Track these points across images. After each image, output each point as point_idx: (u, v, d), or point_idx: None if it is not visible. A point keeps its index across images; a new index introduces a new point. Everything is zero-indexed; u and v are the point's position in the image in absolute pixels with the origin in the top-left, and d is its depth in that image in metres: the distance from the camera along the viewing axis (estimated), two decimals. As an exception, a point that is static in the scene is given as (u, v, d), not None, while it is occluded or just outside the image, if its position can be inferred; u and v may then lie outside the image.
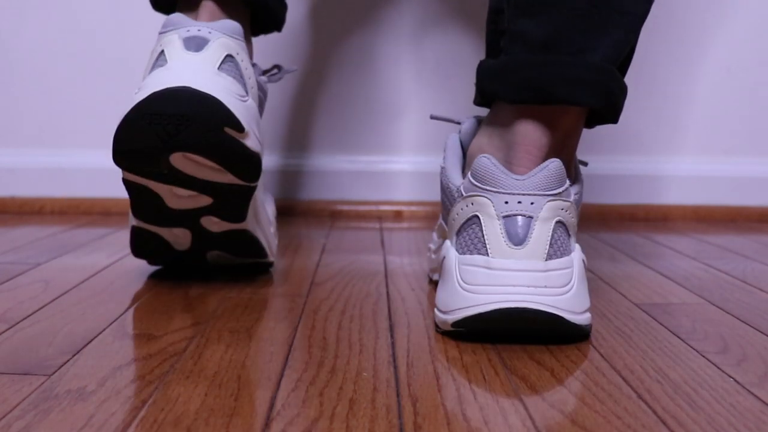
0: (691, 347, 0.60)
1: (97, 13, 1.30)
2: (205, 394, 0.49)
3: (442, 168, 0.71)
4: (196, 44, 0.70)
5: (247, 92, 0.72)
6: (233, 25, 0.73)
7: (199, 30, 0.71)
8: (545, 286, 0.59)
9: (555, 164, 0.61)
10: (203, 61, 0.69)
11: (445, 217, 0.71)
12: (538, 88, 0.65)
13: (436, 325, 0.64)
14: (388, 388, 0.51)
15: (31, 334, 0.61)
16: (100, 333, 0.61)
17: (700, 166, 1.34)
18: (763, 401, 0.49)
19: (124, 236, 1.06)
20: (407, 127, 1.33)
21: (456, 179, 0.68)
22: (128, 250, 0.94)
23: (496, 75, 0.69)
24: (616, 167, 1.34)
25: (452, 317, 0.61)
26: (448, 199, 0.68)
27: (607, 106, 0.67)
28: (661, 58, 1.32)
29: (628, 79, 0.71)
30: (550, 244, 0.60)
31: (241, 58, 0.73)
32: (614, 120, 0.69)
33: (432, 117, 0.82)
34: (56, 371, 0.53)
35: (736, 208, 1.33)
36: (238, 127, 0.67)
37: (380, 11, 1.32)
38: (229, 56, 0.71)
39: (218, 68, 0.70)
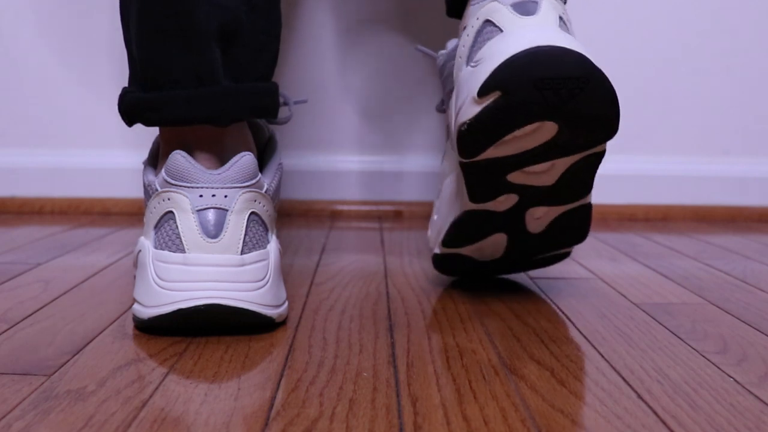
0: (691, 347, 0.60)
1: (97, 13, 1.30)
2: (205, 394, 0.49)
3: (441, 63, 0.72)
4: (215, 223, 0.61)
5: (269, 238, 0.65)
6: (248, 167, 0.63)
7: (213, 195, 0.62)
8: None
9: None
10: (225, 250, 0.61)
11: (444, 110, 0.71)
12: None
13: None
14: (388, 388, 0.51)
15: (31, 334, 0.61)
16: (100, 333, 0.61)
17: (700, 166, 1.34)
18: (763, 401, 0.49)
19: (124, 236, 1.06)
20: (408, 126, 1.33)
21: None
22: (128, 249, 0.94)
23: None
24: (616, 167, 1.33)
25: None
26: (450, 70, 0.69)
27: None
28: (660, 58, 1.32)
29: (629, 79, 0.71)
30: None
31: (262, 204, 0.64)
32: None
33: (417, 49, 0.83)
34: (56, 371, 0.53)
35: (736, 208, 1.33)
36: (270, 320, 0.63)
37: (381, 10, 1.32)
38: (252, 213, 0.63)
39: (242, 250, 0.61)
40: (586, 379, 0.53)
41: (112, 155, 1.31)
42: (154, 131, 0.77)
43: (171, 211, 0.62)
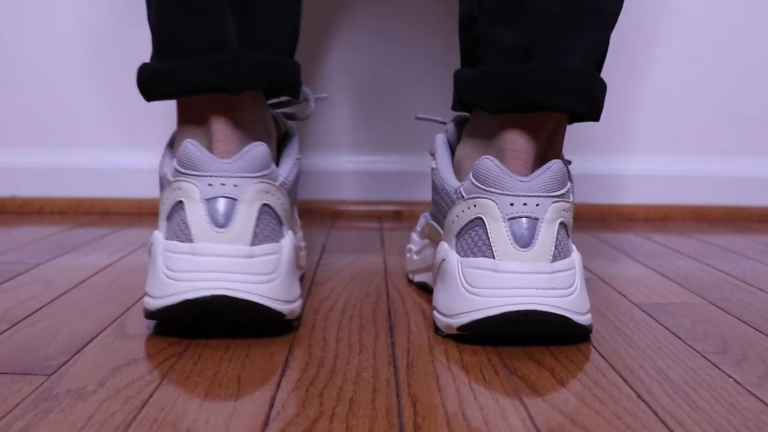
0: (691, 347, 0.60)
1: (97, 13, 1.30)
2: (205, 394, 0.49)
3: (434, 169, 0.71)
4: (224, 213, 0.60)
5: (283, 232, 0.64)
6: (262, 157, 0.62)
7: (223, 184, 0.61)
8: (552, 288, 0.59)
9: (558, 165, 0.61)
10: (234, 240, 0.60)
11: (436, 218, 0.71)
12: (518, 98, 0.64)
13: (437, 328, 0.64)
14: (388, 388, 0.51)
15: (31, 334, 0.61)
16: (100, 333, 0.61)
17: (700, 166, 1.35)
18: (763, 401, 0.49)
19: (124, 236, 1.06)
20: (407, 127, 1.33)
21: (451, 180, 0.68)
22: (128, 249, 0.94)
23: (475, 86, 0.68)
24: (616, 167, 1.34)
25: (458, 321, 0.60)
26: (443, 200, 0.67)
27: (589, 108, 0.66)
28: (661, 58, 1.32)
29: (629, 79, 0.71)
30: (555, 245, 0.61)
31: (277, 197, 0.63)
32: (596, 118, 0.68)
33: (417, 118, 0.82)
34: (56, 371, 0.53)
35: (736, 208, 1.33)
36: (280, 315, 0.62)
37: (382, 11, 1.32)
38: (265, 205, 0.62)
39: (252, 241, 0.60)
40: (586, 379, 0.53)
41: (112, 155, 1.31)
42: (161, 131, 0.77)
43: (181, 201, 0.61)
